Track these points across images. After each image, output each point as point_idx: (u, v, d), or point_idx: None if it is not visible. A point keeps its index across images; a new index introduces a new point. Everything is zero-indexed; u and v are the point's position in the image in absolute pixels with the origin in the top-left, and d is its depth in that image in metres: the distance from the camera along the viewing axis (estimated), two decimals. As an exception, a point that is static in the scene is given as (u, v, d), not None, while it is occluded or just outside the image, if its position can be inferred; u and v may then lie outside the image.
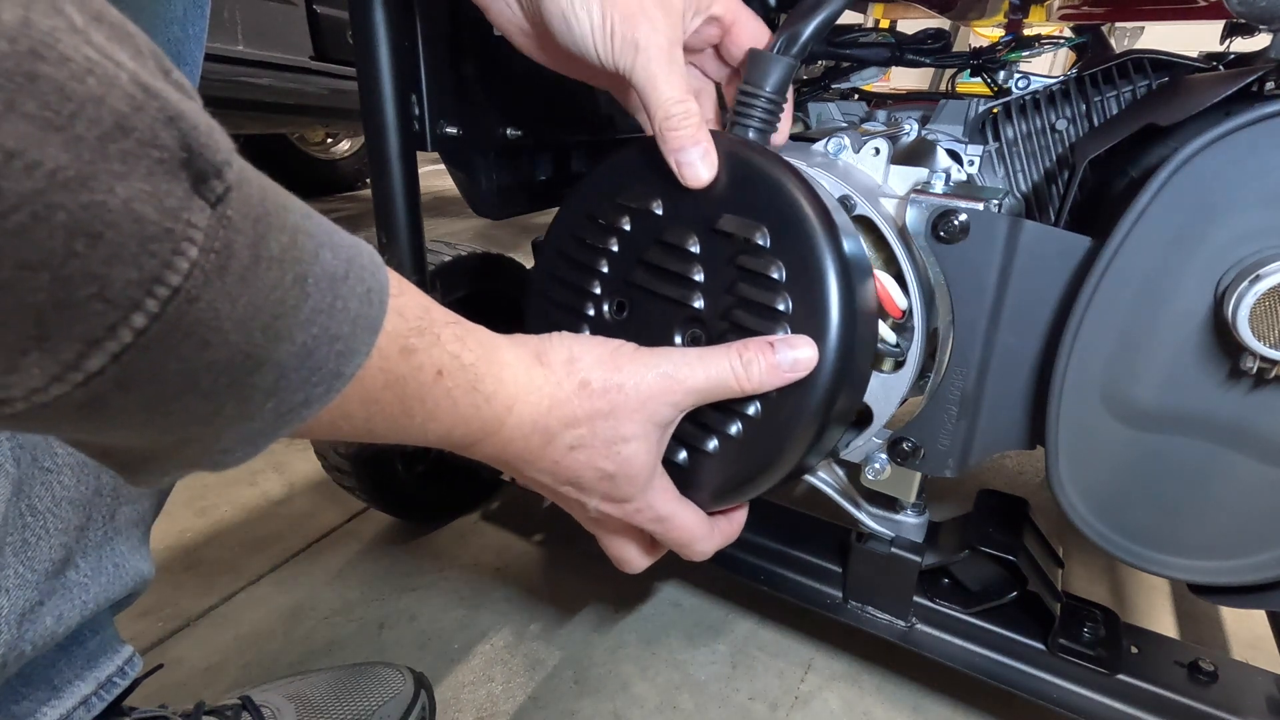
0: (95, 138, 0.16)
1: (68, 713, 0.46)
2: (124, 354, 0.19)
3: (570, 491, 0.40)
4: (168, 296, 0.19)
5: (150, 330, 0.19)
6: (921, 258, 0.48)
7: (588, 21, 0.39)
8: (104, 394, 0.19)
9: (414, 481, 0.92)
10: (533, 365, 0.37)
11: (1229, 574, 0.47)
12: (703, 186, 0.41)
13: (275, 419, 0.25)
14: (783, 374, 0.40)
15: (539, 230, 0.90)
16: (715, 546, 0.46)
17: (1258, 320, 0.39)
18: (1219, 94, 0.42)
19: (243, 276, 0.21)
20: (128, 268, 0.18)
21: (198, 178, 0.19)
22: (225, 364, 0.22)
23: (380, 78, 0.53)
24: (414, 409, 0.31)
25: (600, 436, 0.38)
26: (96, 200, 0.17)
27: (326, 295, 0.24)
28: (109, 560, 0.46)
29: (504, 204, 0.69)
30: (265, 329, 0.22)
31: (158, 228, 0.18)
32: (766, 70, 0.44)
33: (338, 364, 0.25)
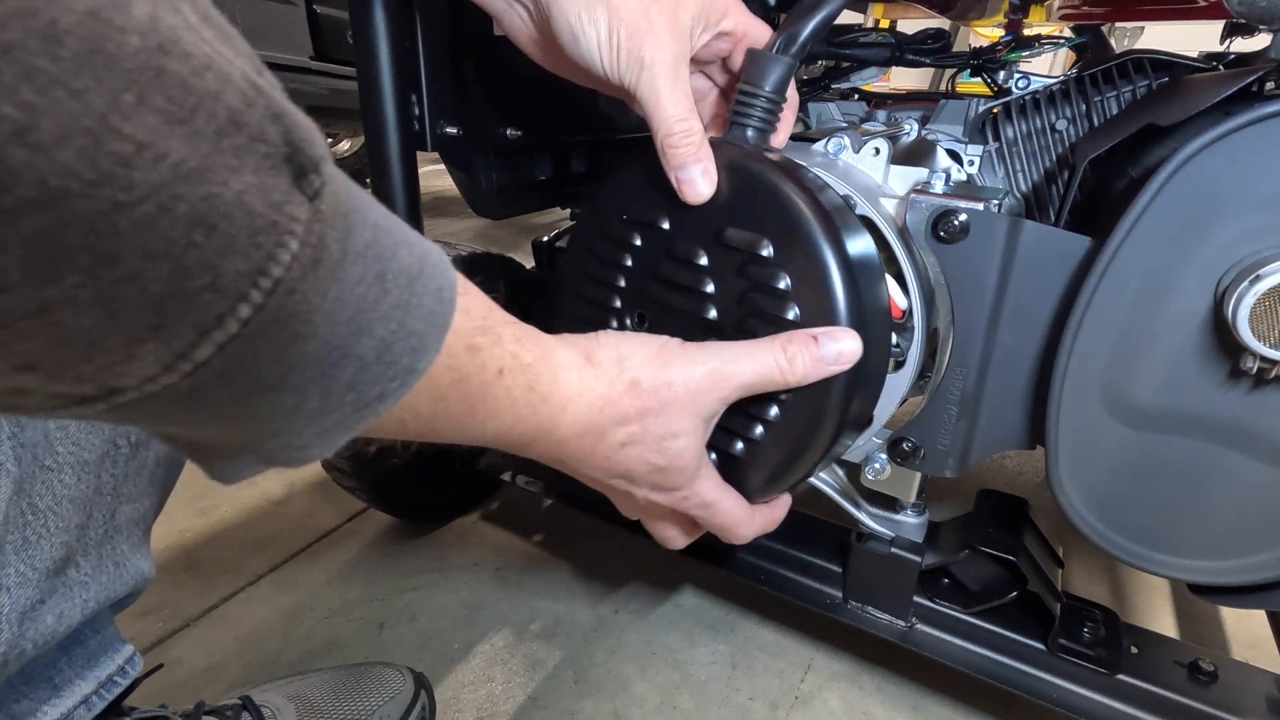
0: (213, 132, 0.17)
1: (68, 711, 0.46)
2: (229, 344, 0.19)
3: (620, 484, 0.41)
4: (270, 288, 0.19)
5: (253, 321, 0.19)
6: (921, 258, 0.48)
7: (595, 37, 0.40)
8: (206, 385, 0.20)
9: (414, 481, 0.92)
10: (584, 366, 0.38)
11: (1229, 574, 0.47)
12: (702, 202, 0.42)
13: (352, 413, 0.25)
14: (826, 367, 0.40)
15: (539, 230, 0.90)
16: (756, 531, 0.47)
17: (1258, 320, 0.39)
18: (1219, 94, 0.42)
19: (333, 270, 0.22)
20: (238, 258, 0.18)
21: (298, 173, 0.20)
22: (313, 356, 0.22)
23: (380, 78, 0.53)
24: (477, 407, 0.32)
25: (651, 433, 0.39)
26: (213, 192, 0.17)
27: (404, 291, 0.25)
28: (110, 559, 0.46)
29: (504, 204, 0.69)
30: (350, 322, 0.23)
31: (265, 220, 0.19)
32: (765, 70, 0.44)
33: (411, 359, 0.26)
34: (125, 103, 0.15)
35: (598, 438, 0.38)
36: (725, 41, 0.45)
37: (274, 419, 0.23)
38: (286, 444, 0.25)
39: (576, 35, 0.41)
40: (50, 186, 0.15)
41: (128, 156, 0.15)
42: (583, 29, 0.40)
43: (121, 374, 0.18)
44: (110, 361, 0.18)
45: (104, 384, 0.18)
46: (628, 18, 0.40)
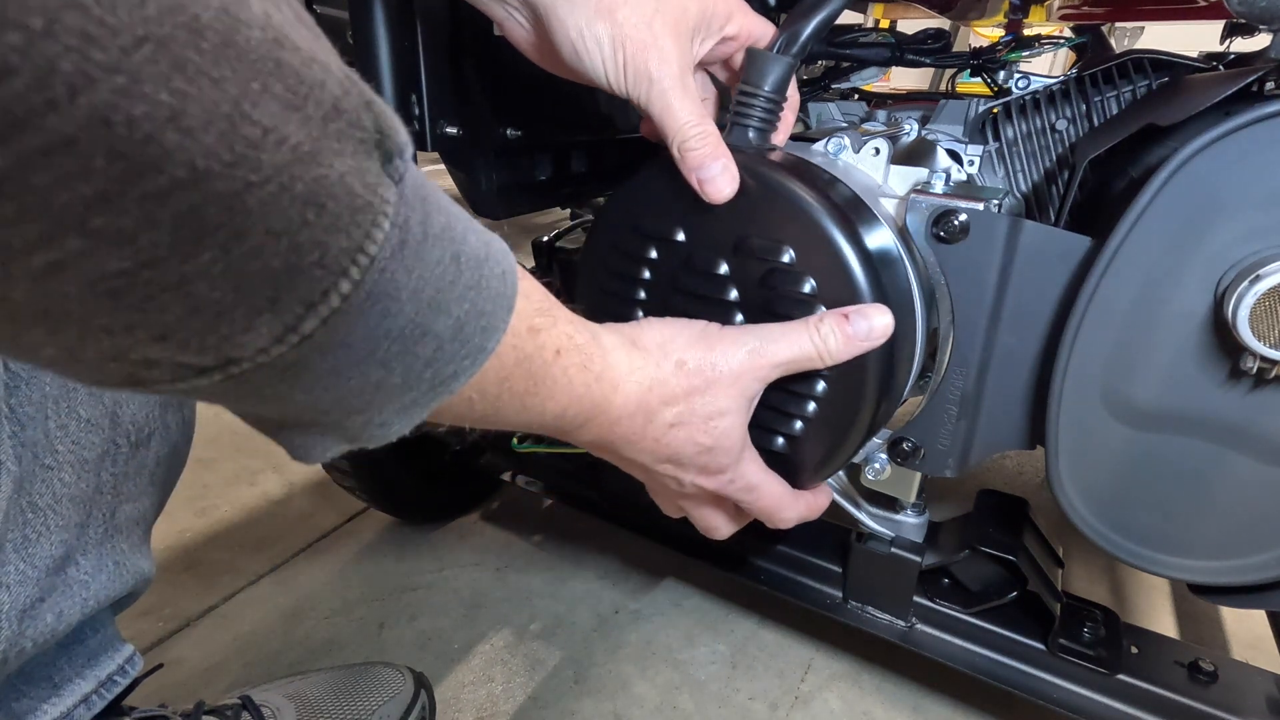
0: (320, 118, 0.19)
1: (68, 710, 0.46)
2: (331, 317, 0.21)
3: (668, 469, 0.42)
4: (367, 265, 0.21)
5: (353, 296, 0.21)
6: (921, 258, 0.48)
7: (599, 54, 0.40)
8: (307, 357, 0.22)
9: (414, 481, 0.92)
10: (631, 349, 0.39)
11: (1229, 574, 0.47)
12: (726, 200, 0.42)
13: (429, 389, 0.27)
14: (859, 343, 0.41)
15: (539, 230, 0.90)
16: (800, 516, 0.47)
17: (1258, 320, 0.39)
18: (1219, 94, 0.42)
19: (417, 251, 0.23)
20: (341, 236, 0.20)
21: (386, 157, 0.21)
22: (399, 332, 0.24)
23: (380, 78, 0.53)
24: (538, 386, 0.33)
25: (698, 413, 0.40)
26: (323, 174, 0.19)
27: (475, 273, 0.26)
28: (109, 558, 0.46)
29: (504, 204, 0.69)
30: (431, 301, 0.24)
31: (363, 200, 0.20)
32: (765, 70, 0.44)
33: (482, 339, 0.27)
34: (253, 91, 0.17)
35: (646, 418, 0.39)
36: (729, 45, 0.46)
37: (361, 394, 0.25)
38: (369, 420, 0.26)
39: (579, 51, 0.41)
40: (197, 167, 0.16)
41: (257, 140, 0.17)
42: (585, 46, 0.40)
43: (240, 344, 0.20)
44: (232, 332, 0.19)
45: (224, 354, 0.20)
46: (631, 34, 0.40)
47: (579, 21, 0.40)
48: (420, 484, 0.93)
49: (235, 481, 1.04)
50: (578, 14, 0.40)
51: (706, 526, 0.49)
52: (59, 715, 0.45)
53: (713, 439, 0.40)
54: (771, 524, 0.47)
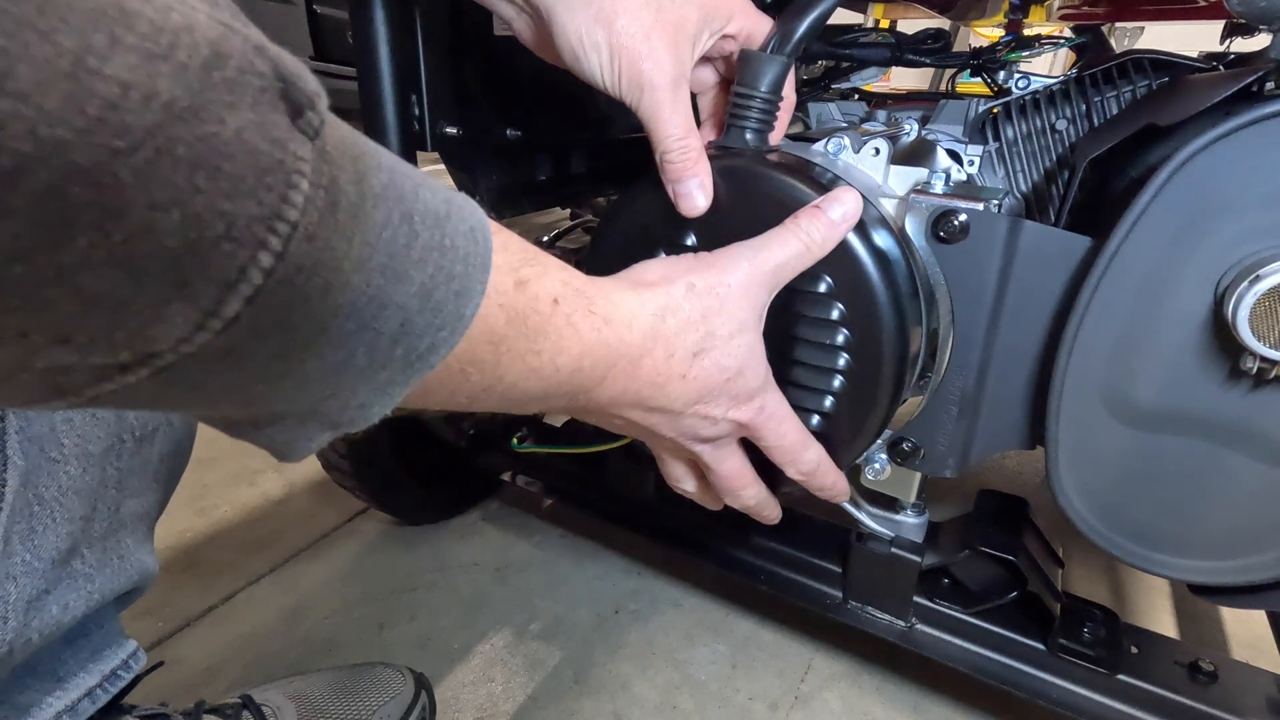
0: (198, 65, 0.16)
1: (72, 704, 0.46)
2: (257, 297, 0.19)
3: (699, 410, 0.39)
4: (288, 233, 0.19)
5: (277, 271, 0.19)
6: (921, 258, 0.48)
7: (597, 61, 0.41)
8: (243, 342, 0.19)
9: (414, 481, 0.92)
10: (635, 287, 0.37)
11: (1229, 574, 0.47)
12: (698, 214, 0.43)
13: (405, 367, 0.25)
14: (839, 227, 0.41)
15: (539, 230, 0.90)
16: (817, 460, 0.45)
17: (1258, 320, 0.39)
18: (1219, 94, 0.42)
19: (353, 214, 0.21)
20: (248, 202, 0.17)
21: (295, 110, 0.19)
22: (350, 307, 0.22)
23: (380, 78, 0.53)
24: (540, 344, 0.30)
25: (718, 334, 0.38)
26: (210, 131, 0.16)
27: (434, 233, 0.24)
28: (114, 552, 0.46)
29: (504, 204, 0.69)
30: (383, 269, 0.22)
31: (270, 159, 0.18)
32: (759, 70, 0.44)
33: (457, 305, 0.25)
34: (98, 43, 0.14)
35: (669, 351, 0.37)
36: (729, 43, 0.46)
37: (325, 378, 0.23)
38: (345, 404, 0.24)
39: (578, 55, 0.41)
40: (41, 137, 0.14)
41: (115, 99, 0.15)
42: (584, 51, 0.41)
43: (154, 337, 0.18)
44: (140, 325, 0.17)
45: (139, 349, 0.18)
46: (628, 44, 0.40)
47: (579, 27, 0.40)
48: (420, 484, 0.93)
49: (235, 481, 1.04)
50: (578, 19, 0.40)
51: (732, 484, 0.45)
52: (63, 708, 0.45)
53: (738, 359, 0.39)
54: (794, 465, 0.44)
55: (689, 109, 0.43)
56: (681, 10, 0.42)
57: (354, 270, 0.21)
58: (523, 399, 0.32)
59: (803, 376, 0.46)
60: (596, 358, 0.33)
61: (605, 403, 0.37)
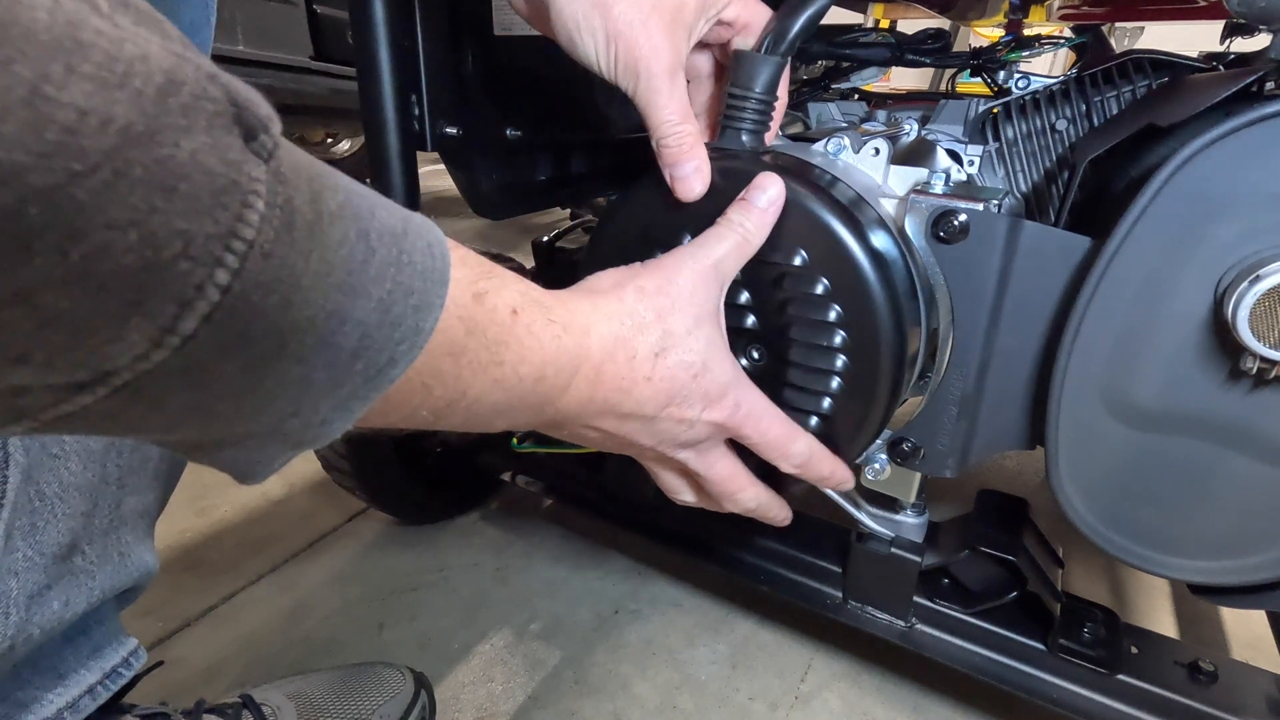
0: (153, 92, 0.17)
1: (73, 700, 0.46)
2: (214, 314, 0.19)
3: (672, 413, 0.40)
4: (244, 251, 0.19)
5: (234, 288, 0.19)
6: (921, 258, 0.48)
7: (593, 46, 0.41)
8: (202, 360, 0.20)
9: (414, 481, 0.92)
10: (588, 295, 0.38)
11: (1229, 574, 0.47)
12: (696, 199, 0.43)
13: (364, 381, 0.25)
14: (768, 212, 0.42)
15: (539, 230, 0.90)
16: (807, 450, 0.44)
17: (1258, 320, 0.39)
18: (1219, 94, 0.42)
19: (310, 232, 0.21)
20: (205, 220, 0.18)
21: (248, 133, 0.19)
22: (308, 323, 0.22)
23: (380, 78, 0.53)
24: (502, 353, 0.31)
25: (676, 331, 0.39)
26: (166, 154, 0.17)
27: (391, 250, 0.25)
28: (114, 549, 0.47)
29: (504, 204, 0.69)
30: (341, 285, 0.23)
31: (225, 179, 0.18)
32: (754, 71, 0.44)
33: (416, 319, 0.26)
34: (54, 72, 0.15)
35: (630, 354, 0.37)
36: (725, 30, 0.46)
37: (286, 395, 0.23)
38: (306, 422, 0.25)
39: (574, 40, 0.42)
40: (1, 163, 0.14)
41: (72, 124, 0.15)
42: (580, 36, 0.41)
43: (111, 354, 0.18)
44: (98, 343, 0.18)
45: (96, 367, 0.18)
46: (625, 30, 0.40)
47: (575, 12, 0.41)
48: (420, 484, 0.93)
49: (235, 482, 1.04)
50: (575, 3, 0.41)
51: (726, 488, 0.45)
52: (64, 705, 0.46)
53: (700, 355, 0.39)
54: (785, 460, 0.44)
55: (685, 95, 0.43)
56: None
57: (312, 286, 0.22)
58: (488, 413, 0.32)
59: (801, 378, 0.46)
60: (559, 365, 0.34)
61: (574, 413, 0.37)
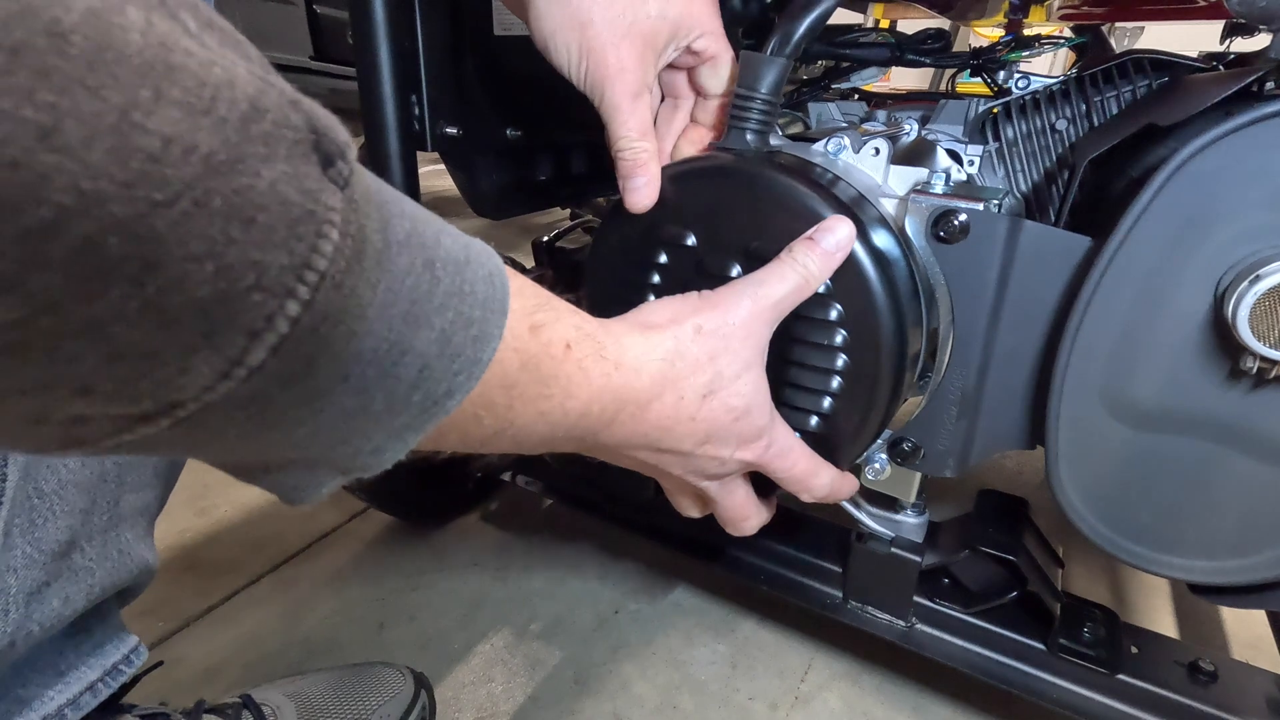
0: (237, 119, 0.16)
1: (74, 697, 0.46)
2: (282, 345, 0.19)
3: (708, 450, 0.40)
4: (316, 282, 0.19)
5: (303, 320, 0.19)
6: (921, 258, 0.48)
7: (565, 55, 0.43)
8: (265, 390, 0.19)
9: (414, 481, 0.92)
10: (644, 330, 0.38)
11: (1229, 574, 0.47)
12: (642, 211, 0.45)
13: (420, 411, 0.25)
14: (834, 256, 0.42)
15: (539, 230, 0.90)
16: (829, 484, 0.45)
17: (1258, 320, 0.39)
18: (1219, 94, 0.42)
19: (379, 261, 0.21)
20: (280, 252, 0.18)
21: (326, 160, 0.19)
22: (372, 354, 0.22)
23: (380, 78, 0.53)
24: (551, 388, 0.31)
25: (725, 374, 0.39)
26: (246, 184, 0.17)
27: (455, 279, 0.24)
28: (113, 546, 0.47)
29: (504, 204, 0.69)
30: (405, 316, 0.22)
31: (301, 209, 0.18)
32: (760, 72, 0.44)
33: (475, 349, 0.25)
34: (144, 98, 0.15)
35: (678, 395, 0.37)
36: (691, 58, 0.47)
37: (341, 424, 0.23)
38: (358, 450, 0.24)
39: (549, 48, 0.44)
40: (84, 191, 0.14)
41: (156, 152, 0.15)
42: (556, 46, 0.43)
43: (179, 387, 0.18)
44: (166, 375, 0.17)
45: (162, 399, 0.18)
46: (597, 49, 0.42)
47: (553, 25, 0.43)
48: (420, 484, 0.93)
49: (235, 481, 1.03)
50: (554, 18, 0.42)
51: (736, 515, 0.46)
52: (65, 702, 0.46)
53: (744, 399, 0.39)
54: (806, 492, 0.45)
55: (647, 115, 0.45)
56: (655, 24, 0.43)
57: (377, 317, 0.21)
58: (532, 441, 0.32)
59: (801, 378, 0.46)
60: (604, 403, 0.34)
61: (614, 445, 0.37)
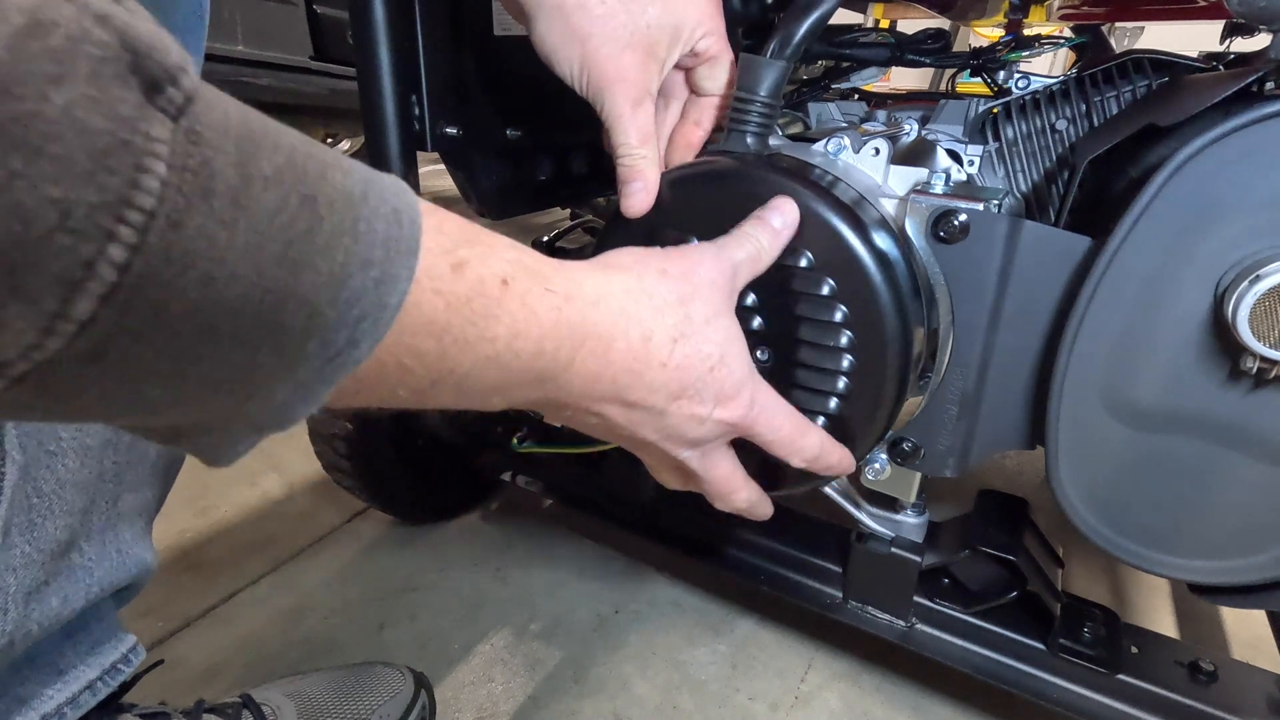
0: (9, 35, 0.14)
1: (73, 696, 0.46)
2: (113, 295, 0.17)
3: (683, 407, 0.37)
4: (143, 223, 0.17)
5: (134, 265, 0.17)
6: (921, 258, 0.48)
7: (568, 66, 0.44)
8: (112, 344, 0.18)
9: (414, 481, 0.92)
10: (603, 269, 0.36)
11: (1229, 574, 0.47)
12: (637, 215, 0.46)
13: (324, 364, 0.23)
14: (781, 235, 0.43)
15: (539, 230, 0.90)
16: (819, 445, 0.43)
17: (1258, 320, 0.39)
18: (1219, 94, 0.42)
19: (234, 199, 0.19)
20: (85, 188, 0.16)
21: (150, 86, 0.17)
22: (242, 301, 0.20)
23: (380, 78, 0.53)
24: (494, 330, 0.28)
25: (694, 319, 0.37)
26: (27, 109, 0.15)
27: (345, 217, 0.22)
28: (112, 545, 0.47)
29: (504, 204, 0.69)
30: (279, 259, 0.20)
31: (111, 139, 0.16)
32: (760, 75, 0.44)
33: (378, 293, 0.23)
34: None
35: (644, 336, 0.35)
36: (694, 60, 0.47)
37: (232, 381, 0.21)
38: (264, 406, 0.23)
39: (553, 61, 0.44)
40: None
41: None
42: (558, 57, 0.44)
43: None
44: None
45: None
46: (598, 60, 0.43)
47: (556, 38, 0.43)
48: (420, 484, 0.93)
49: (235, 481, 1.04)
50: (555, 31, 0.43)
51: (723, 489, 0.44)
52: (64, 701, 0.46)
53: (717, 346, 0.37)
54: (796, 455, 0.42)
55: (648, 122, 0.45)
56: (655, 34, 0.43)
57: (240, 261, 0.19)
58: (483, 391, 0.30)
59: (807, 378, 0.46)
60: (559, 339, 0.31)
61: (578, 393, 0.34)
